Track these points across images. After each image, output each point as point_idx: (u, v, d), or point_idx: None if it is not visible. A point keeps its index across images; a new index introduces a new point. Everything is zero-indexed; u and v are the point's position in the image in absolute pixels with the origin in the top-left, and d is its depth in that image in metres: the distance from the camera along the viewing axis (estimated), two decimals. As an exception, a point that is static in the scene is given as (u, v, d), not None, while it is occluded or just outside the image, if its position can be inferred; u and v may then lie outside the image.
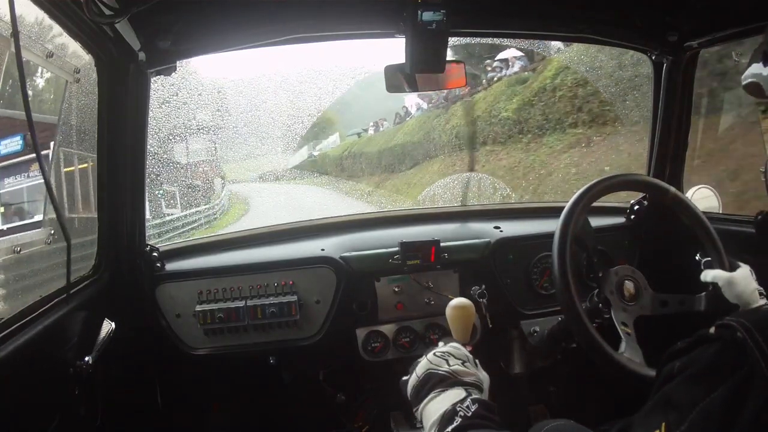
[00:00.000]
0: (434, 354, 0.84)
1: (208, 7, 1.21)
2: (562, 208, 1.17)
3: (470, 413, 0.72)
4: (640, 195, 1.71)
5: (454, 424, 0.71)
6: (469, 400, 0.74)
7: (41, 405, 0.99)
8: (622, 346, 1.07)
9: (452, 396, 0.76)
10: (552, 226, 1.17)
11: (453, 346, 0.86)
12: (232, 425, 1.75)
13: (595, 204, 1.20)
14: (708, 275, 1.18)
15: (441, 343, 0.89)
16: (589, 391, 1.67)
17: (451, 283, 1.54)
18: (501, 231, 1.62)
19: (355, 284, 1.50)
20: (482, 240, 1.58)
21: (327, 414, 1.74)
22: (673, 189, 1.25)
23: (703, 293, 1.18)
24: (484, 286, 1.52)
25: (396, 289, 1.52)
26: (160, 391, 1.59)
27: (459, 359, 0.82)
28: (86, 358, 1.11)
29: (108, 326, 1.20)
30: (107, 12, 0.92)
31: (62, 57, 1.14)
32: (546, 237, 1.23)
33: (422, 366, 0.83)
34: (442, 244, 1.50)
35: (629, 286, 1.16)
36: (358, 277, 1.50)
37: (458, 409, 0.73)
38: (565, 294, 1.09)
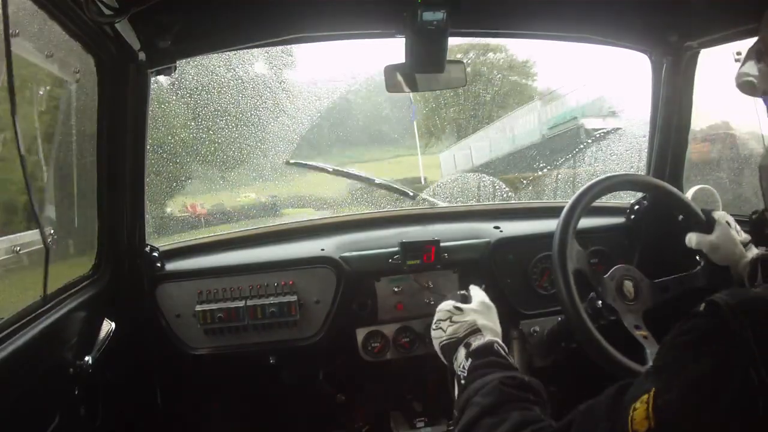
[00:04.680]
0: (433, 329, 0.92)
1: (208, 6, 1.21)
2: (562, 207, 1.17)
3: (466, 372, 0.80)
4: (641, 195, 1.70)
5: (463, 392, 0.77)
6: (462, 358, 0.83)
7: (41, 405, 0.99)
8: (647, 354, 1.05)
9: (458, 360, 0.84)
10: (552, 226, 1.17)
11: (438, 310, 0.93)
12: (232, 425, 1.74)
13: (595, 204, 1.20)
14: (691, 241, 1.20)
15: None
16: (589, 391, 1.67)
17: (451, 283, 1.54)
18: (501, 231, 1.62)
19: (355, 284, 1.50)
20: (482, 240, 1.58)
21: (327, 414, 1.74)
22: (673, 188, 1.25)
23: (699, 267, 1.19)
24: (484, 286, 1.51)
25: (396, 289, 1.52)
26: (160, 391, 1.59)
27: (446, 320, 0.90)
28: (86, 358, 1.11)
29: (108, 326, 1.20)
30: (107, 12, 0.92)
31: (62, 57, 1.14)
32: (546, 237, 1.23)
33: (434, 342, 0.92)
34: (442, 244, 1.50)
35: (628, 285, 1.16)
36: (358, 277, 1.50)
37: (459, 372, 0.81)
38: (565, 294, 1.09)
